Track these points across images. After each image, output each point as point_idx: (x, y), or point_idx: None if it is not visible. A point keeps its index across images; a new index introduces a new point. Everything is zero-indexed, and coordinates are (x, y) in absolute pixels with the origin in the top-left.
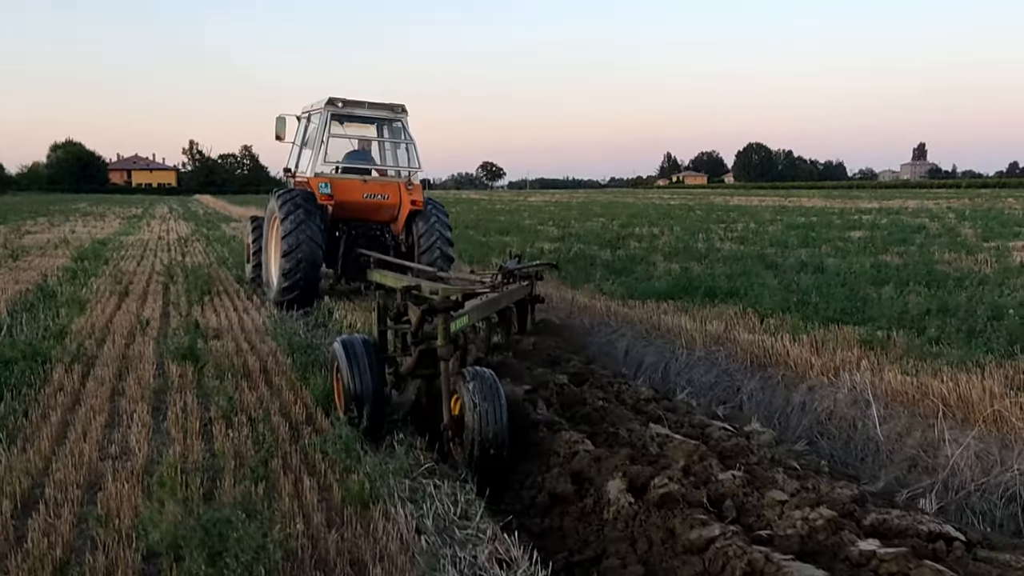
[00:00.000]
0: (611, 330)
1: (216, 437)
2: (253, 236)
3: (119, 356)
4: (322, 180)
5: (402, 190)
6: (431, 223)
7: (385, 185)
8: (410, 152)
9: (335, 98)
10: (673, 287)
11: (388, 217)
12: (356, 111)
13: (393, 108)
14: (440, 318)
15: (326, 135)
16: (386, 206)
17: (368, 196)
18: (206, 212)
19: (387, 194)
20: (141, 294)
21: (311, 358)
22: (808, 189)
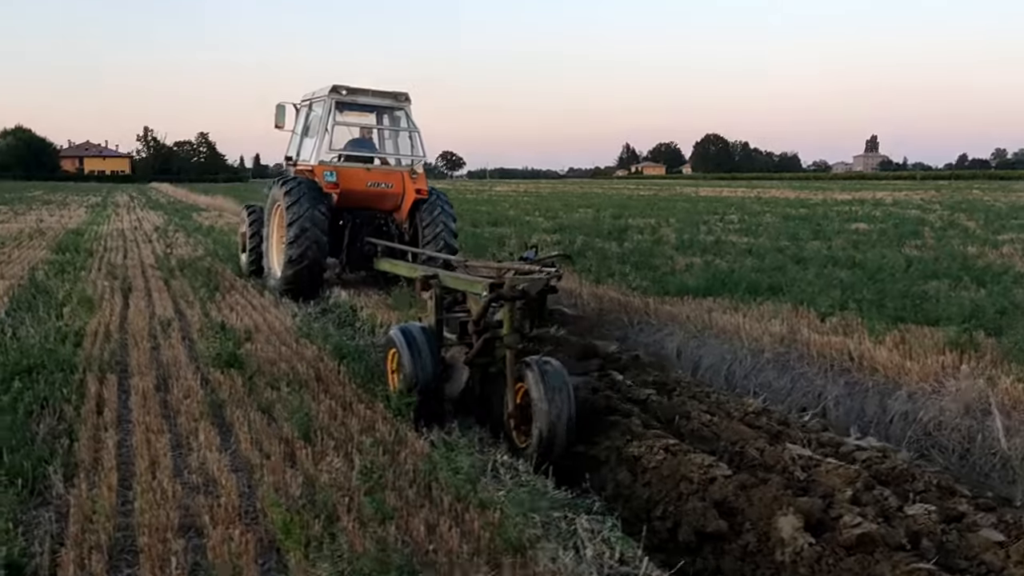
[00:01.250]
0: (655, 328)
1: (303, 463)
2: (251, 227)
3: (152, 363)
4: (327, 168)
5: (406, 179)
6: (436, 213)
7: (389, 174)
8: (414, 140)
9: (339, 85)
10: (712, 283)
11: (392, 206)
12: (359, 99)
13: (396, 96)
14: (507, 307)
15: (330, 123)
16: (390, 195)
17: (372, 185)
18: (169, 201)
19: (391, 183)
20: (144, 291)
21: (367, 364)
22: (768, 180)
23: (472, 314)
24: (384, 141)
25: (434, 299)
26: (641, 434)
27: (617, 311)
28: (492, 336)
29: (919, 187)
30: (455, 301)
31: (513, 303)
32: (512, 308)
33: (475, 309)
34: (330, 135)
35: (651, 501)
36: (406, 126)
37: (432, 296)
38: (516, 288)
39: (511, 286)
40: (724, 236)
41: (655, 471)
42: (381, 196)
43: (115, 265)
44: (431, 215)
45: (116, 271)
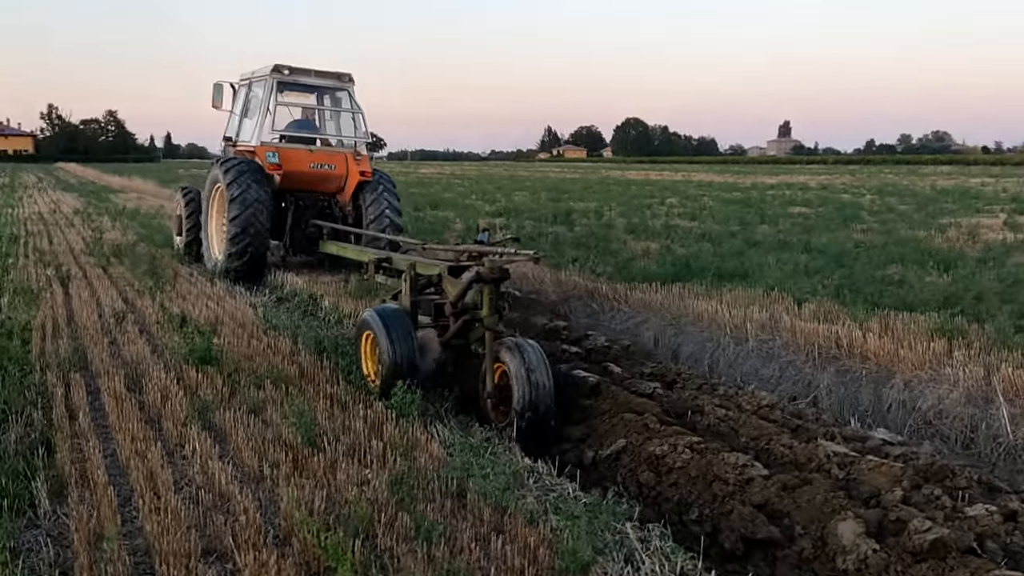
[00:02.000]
0: (627, 315)
1: (316, 472)
2: (187, 208)
3: (115, 360)
4: (269, 149)
5: (349, 160)
6: (379, 194)
7: (332, 155)
8: (357, 122)
9: (281, 65)
10: (679, 269)
11: (334, 188)
12: (302, 79)
13: (340, 77)
14: (487, 288)
15: (272, 103)
16: (333, 176)
17: (315, 166)
18: (80, 182)
19: (334, 164)
20: (83, 279)
21: (353, 359)
22: (689, 164)
23: (449, 296)
24: (326, 122)
25: (408, 281)
26: (659, 431)
27: (584, 298)
28: (471, 318)
29: (835, 171)
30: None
31: (496, 285)
32: (493, 290)
33: (452, 291)
34: (272, 115)
35: (682, 504)
36: (349, 107)
37: (406, 279)
38: (496, 269)
39: (491, 267)
40: (671, 221)
41: (682, 471)
42: (324, 178)
43: (43, 252)
44: (375, 197)
45: (46, 258)
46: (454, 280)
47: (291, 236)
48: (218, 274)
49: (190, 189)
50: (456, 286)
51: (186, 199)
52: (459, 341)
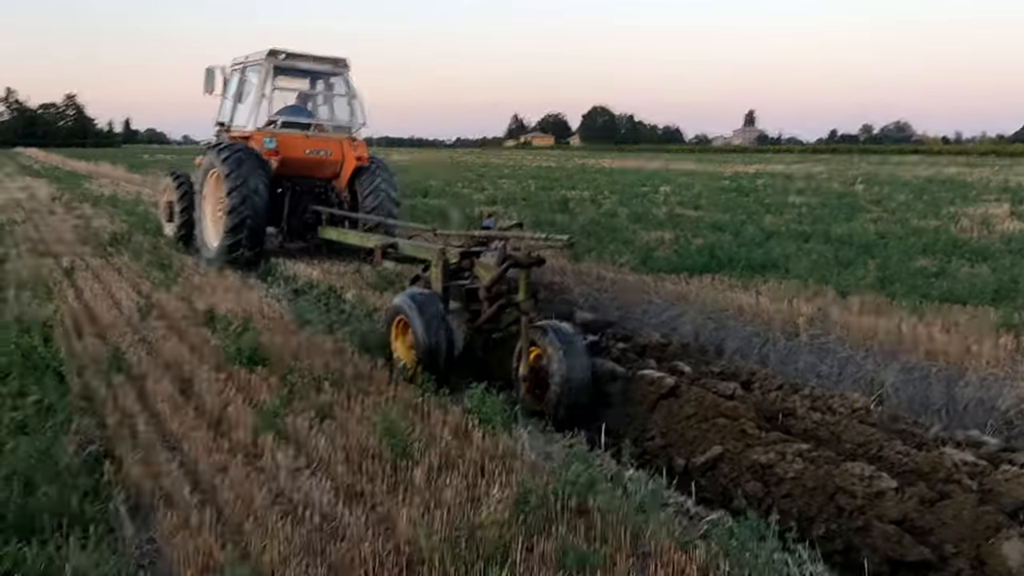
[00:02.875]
0: (661, 307)
1: (422, 489)
2: (179, 193)
3: (157, 361)
4: (266, 135)
5: (345, 146)
6: (376, 182)
7: (328, 140)
8: (353, 107)
9: (277, 50)
10: (710, 260)
11: (330, 174)
12: (298, 64)
13: (336, 61)
14: (522, 273)
15: (268, 88)
16: (328, 162)
17: (311, 152)
18: (45, 168)
19: (330, 150)
20: (88, 271)
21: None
22: (658, 152)
23: (483, 281)
24: (320, 107)
25: (440, 267)
26: (759, 437)
27: (609, 289)
28: (507, 302)
29: (805, 160)
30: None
31: (529, 270)
32: (528, 275)
33: (486, 276)
34: (268, 101)
35: (802, 518)
36: (345, 92)
37: (437, 264)
38: (533, 255)
39: (527, 253)
40: (674, 210)
41: (795, 482)
42: (320, 163)
43: (35, 241)
44: (372, 183)
45: (40, 248)
46: (487, 265)
47: (288, 222)
48: (214, 262)
49: (180, 175)
50: (489, 271)
51: (176, 183)
52: (490, 325)
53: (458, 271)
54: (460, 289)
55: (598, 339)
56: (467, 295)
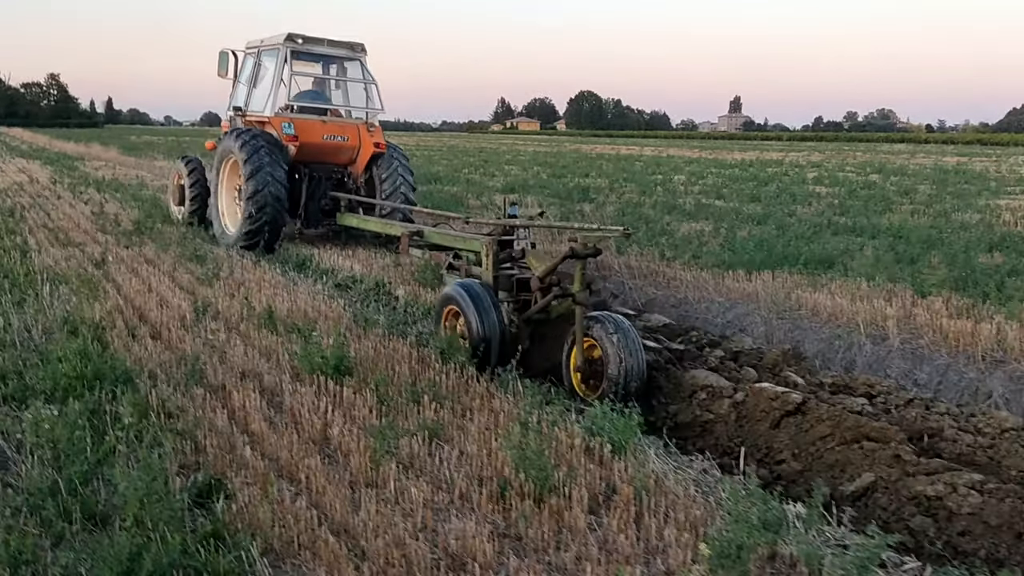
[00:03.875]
0: (723, 306)
1: (581, 530)
2: (191, 178)
3: (233, 371)
4: (284, 120)
5: (362, 132)
6: (393, 167)
7: (344, 126)
8: (370, 92)
9: (294, 34)
10: (768, 255)
11: (347, 160)
12: (315, 48)
13: (352, 46)
14: (578, 264)
15: (286, 73)
16: (345, 148)
17: (328, 137)
18: (33, 149)
19: (347, 135)
20: (121, 264)
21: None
22: (645, 138)
23: (536, 271)
24: (335, 92)
25: (490, 256)
26: (917, 464)
27: (663, 285)
28: (562, 292)
29: (796, 148)
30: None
31: (585, 260)
32: (584, 265)
33: (539, 267)
34: (286, 86)
35: (990, 561)
36: (362, 77)
37: (487, 253)
38: (590, 245)
39: (584, 244)
40: (701, 200)
41: (973, 519)
42: (337, 149)
43: (51, 229)
44: (389, 169)
45: (60, 237)
46: (540, 255)
47: (306, 209)
48: (232, 248)
49: (192, 159)
50: (543, 261)
51: (189, 169)
52: (539, 315)
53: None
54: (509, 279)
55: (685, 347)
56: (517, 285)
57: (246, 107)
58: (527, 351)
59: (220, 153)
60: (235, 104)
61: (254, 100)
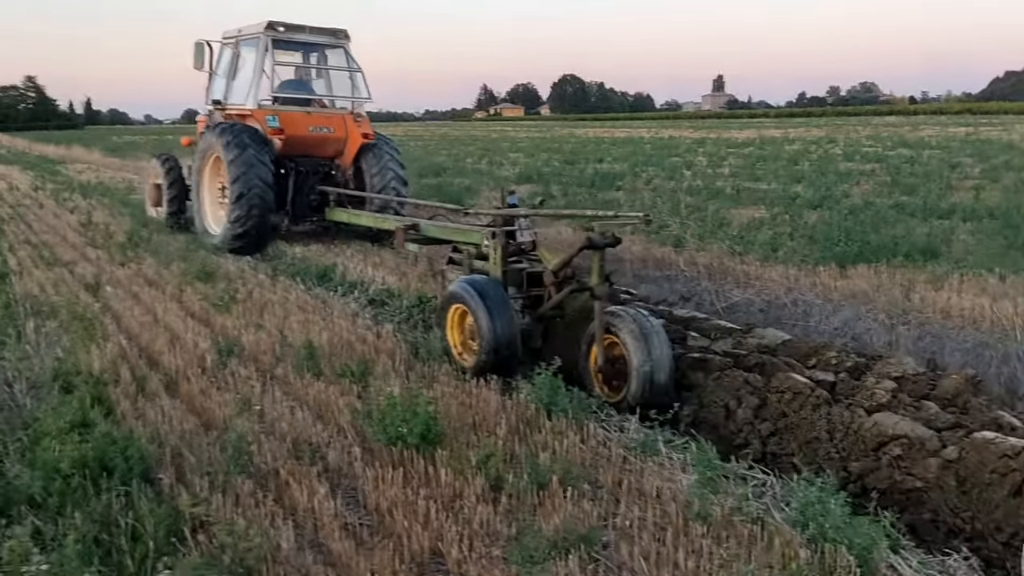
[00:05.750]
0: (826, 309)
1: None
2: (169, 177)
3: (280, 446)
4: (268, 112)
5: (349, 123)
6: (383, 161)
7: (330, 117)
8: (356, 81)
9: (275, 22)
10: (860, 247)
11: (333, 152)
12: (296, 36)
13: (336, 33)
14: (596, 255)
15: (268, 63)
16: (332, 140)
17: (314, 129)
18: (12, 153)
19: (332, 127)
20: (118, 286)
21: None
22: (630, 120)
23: (549, 264)
24: (318, 82)
25: (499, 250)
26: None
27: (731, 284)
28: (579, 287)
29: (786, 124)
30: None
31: (603, 251)
32: (602, 256)
33: (552, 259)
34: (269, 76)
35: None
36: (346, 65)
37: (496, 247)
38: (608, 235)
39: (602, 233)
40: (736, 182)
41: None
42: (323, 141)
43: (34, 244)
44: (379, 162)
45: (44, 254)
46: (554, 247)
47: (293, 204)
48: (219, 248)
49: (168, 157)
50: (555, 254)
51: (166, 168)
52: (553, 312)
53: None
54: (519, 273)
55: (837, 377)
56: (527, 279)
57: (226, 100)
58: (538, 351)
59: (201, 150)
60: (214, 97)
61: (234, 93)
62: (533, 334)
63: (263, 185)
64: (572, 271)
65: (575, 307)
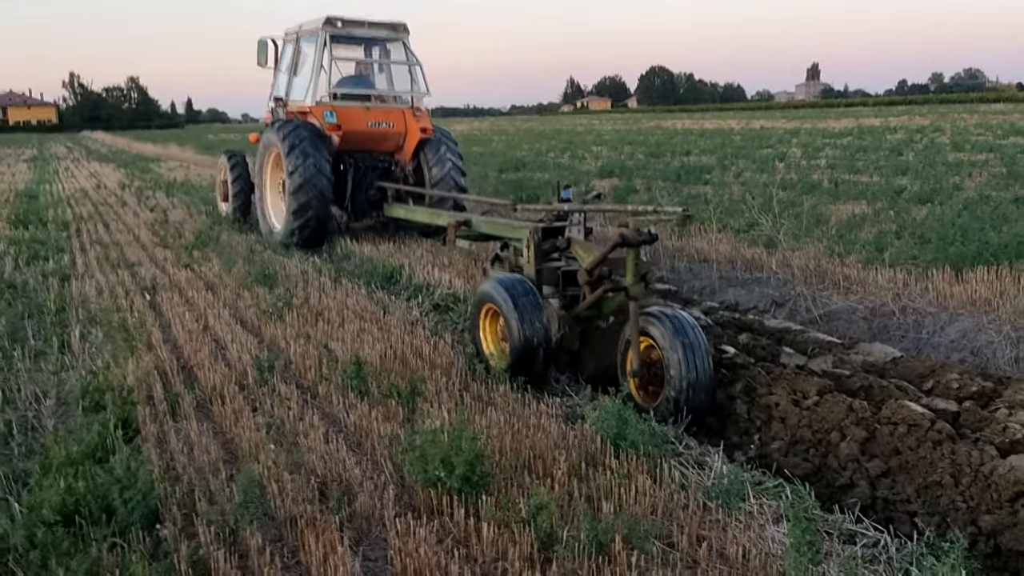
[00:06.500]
0: (941, 321)
1: None
2: (233, 173)
3: (300, 475)
4: (327, 108)
5: (408, 117)
6: (442, 153)
7: (390, 112)
8: (414, 74)
9: (333, 17)
10: (981, 246)
11: (393, 147)
12: (355, 31)
13: (395, 27)
14: (630, 253)
15: (326, 59)
16: (391, 135)
17: (373, 124)
18: (112, 152)
19: (392, 121)
20: (173, 290)
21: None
22: (723, 111)
23: (583, 262)
24: (379, 76)
25: (532, 248)
26: None
27: (843, 289)
28: (614, 287)
29: (890, 113)
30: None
31: (638, 249)
32: (637, 254)
33: (586, 257)
34: (327, 72)
35: None
36: (405, 59)
37: (530, 245)
38: (643, 232)
39: (636, 229)
40: (833, 175)
41: None
42: (383, 136)
43: (104, 244)
44: (437, 155)
45: (111, 254)
46: (588, 245)
47: (352, 201)
48: (280, 244)
49: (234, 154)
50: (590, 251)
51: (231, 164)
52: (589, 312)
53: (550, 251)
54: (555, 272)
55: (961, 407)
56: (563, 278)
57: (287, 97)
58: (578, 353)
59: (263, 147)
60: (276, 94)
61: (295, 89)
62: (570, 336)
63: (321, 178)
64: (609, 270)
65: (612, 308)
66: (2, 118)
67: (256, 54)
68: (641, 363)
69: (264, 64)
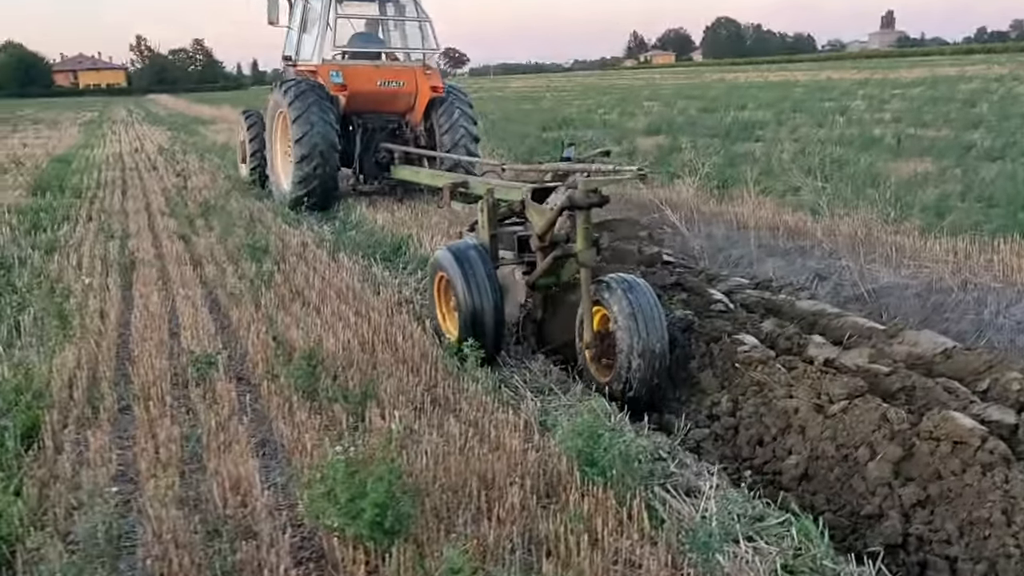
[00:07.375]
0: (1008, 299)
1: None
2: (250, 133)
3: (188, 508)
4: (332, 67)
5: (419, 76)
6: (454, 117)
7: (400, 71)
8: (424, 31)
9: None
10: None
11: (404, 107)
12: None
13: None
14: (580, 216)
15: (332, 16)
16: (402, 94)
17: (383, 84)
18: (170, 114)
19: (403, 80)
20: (154, 263)
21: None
22: (793, 63)
23: (535, 227)
24: (390, 34)
25: (486, 211)
26: None
27: (896, 261)
28: (563, 253)
29: (966, 62)
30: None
31: (588, 212)
32: (587, 218)
33: (539, 221)
34: (333, 30)
35: None
36: (415, 15)
37: (483, 207)
38: (591, 192)
39: (585, 191)
40: (898, 129)
41: None
42: (393, 96)
43: (111, 212)
44: (449, 118)
45: (112, 224)
46: (539, 207)
47: (361, 162)
48: (286, 205)
49: (252, 113)
50: (542, 214)
51: (248, 122)
52: (548, 280)
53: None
54: (511, 237)
55: (1019, 419)
56: (519, 244)
57: (296, 56)
58: (542, 323)
59: (271, 108)
60: (285, 53)
61: (304, 47)
62: (533, 305)
63: (326, 140)
64: (566, 235)
65: (570, 276)
66: (73, 81)
67: (267, 11)
68: (593, 334)
69: (276, 22)
